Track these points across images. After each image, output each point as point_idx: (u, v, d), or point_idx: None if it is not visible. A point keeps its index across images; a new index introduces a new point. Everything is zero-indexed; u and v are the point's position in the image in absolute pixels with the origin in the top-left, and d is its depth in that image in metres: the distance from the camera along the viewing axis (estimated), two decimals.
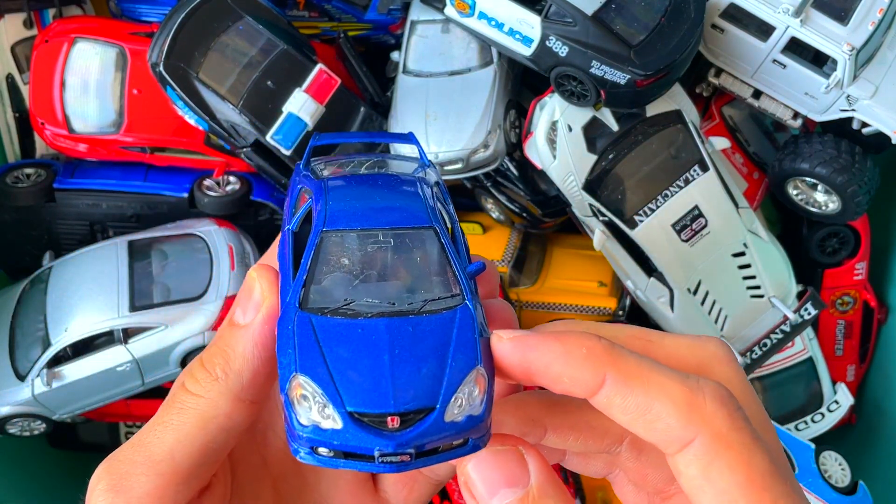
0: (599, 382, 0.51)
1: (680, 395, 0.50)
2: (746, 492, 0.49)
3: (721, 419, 0.50)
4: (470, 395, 0.52)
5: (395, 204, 0.61)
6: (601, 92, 1.44)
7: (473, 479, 0.52)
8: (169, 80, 1.51)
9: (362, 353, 0.53)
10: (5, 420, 1.56)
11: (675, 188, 1.53)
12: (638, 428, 0.51)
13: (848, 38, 1.42)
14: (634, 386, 0.51)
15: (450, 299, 0.56)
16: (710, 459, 0.49)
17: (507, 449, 0.52)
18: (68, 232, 1.72)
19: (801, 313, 1.63)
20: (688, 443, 0.50)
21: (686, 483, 0.51)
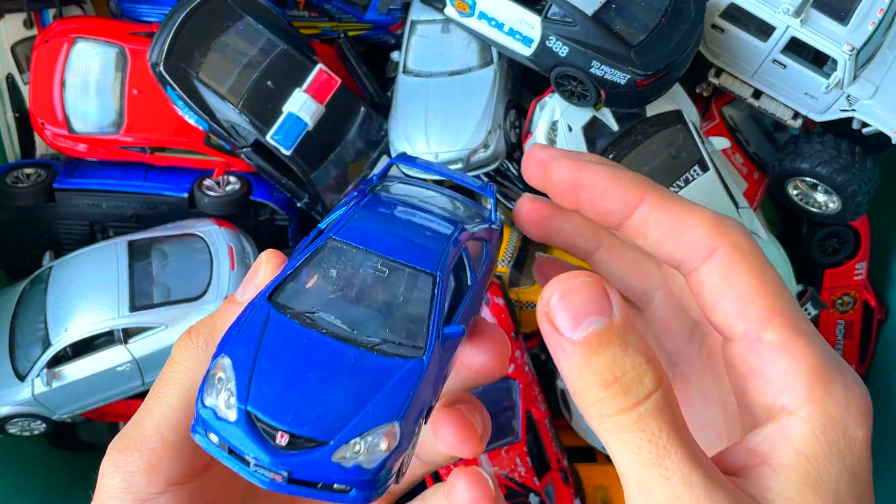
0: (639, 200, 0.59)
1: (707, 215, 0.58)
2: (762, 295, 0.55)
3: (740, 236, 0.57)
4: (371, 446, 0.49)
5: (415, 240, 0.58)
6: (601, 92, 1.44)
7: (557, 309, 0.52)
8: (169, 80, 1.51)
9: (294, 363, 0.52)
10: (5, 420, 1.56)
11: (675, 188, 1.53)
12: (668, 242, 0.58)
13: (848, 39, 1.42)
14: (670, 204, 0.59)
15: (409, 349, 0.54)
16: (730, 266, 0.56)
17: (594, 280, 0.53)
18: (68, 232, 1.72)
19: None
20: (712, 252, 0.57)
21: (708, 292, 0.57)
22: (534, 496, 1.58)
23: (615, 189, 0.60)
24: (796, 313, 0.56)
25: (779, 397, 0.55)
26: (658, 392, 0.51)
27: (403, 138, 1.60)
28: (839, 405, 0.55)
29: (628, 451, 0.50)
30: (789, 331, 0.55)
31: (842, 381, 0.56)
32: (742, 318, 0.56)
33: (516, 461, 1.58)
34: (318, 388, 0.51)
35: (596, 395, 0.51)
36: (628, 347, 0.51)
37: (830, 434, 0.54)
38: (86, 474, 0.65)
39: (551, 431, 1.66)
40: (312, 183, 1.60)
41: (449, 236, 0.59)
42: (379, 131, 1.68)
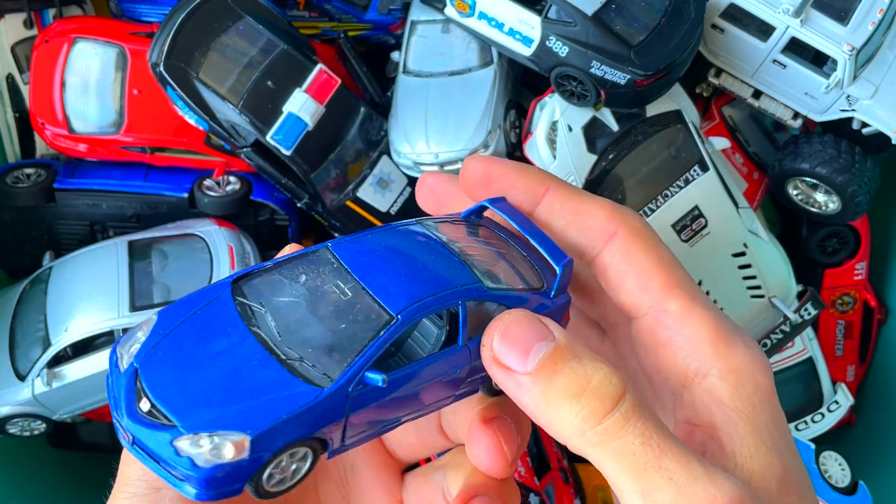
0: (545, 190, 0.63)
1: (605, 203, 0.63)
2: (660, 270, 0.60)
3: (635, 220, 0.62)
4: (216, 447, 0.48)
5: (404, 277, 0.56)
6: (601, 92, 1.44)
7: (502, 349, 0.54)
8: (169, 80, 1.51)
9: (204, 345, 0.52)
10: (5, 420, 1.56)
11: (675, 188, 1.53)
12: (572, 229, 0.63)
13: (848, 39, 1.42)
14: (572, 194, 0.64)
15: (317, 375, 0.52)
16: (629, 245, 0.61)
17: (526, 313, 0.55)
18: (68, 232, 1.72)
19: (801, 313, 1.63)
20: (612, 235, 0.61)
21: (612, 273, 0.61)
22: (534, 496, 1.58)
23: (522, 181, 0.64)
24: (692, 285, 0.61)
25: (689, 362, 0.57)
26: (629, 390, 0.51)
27: (403, 138, 1.60)
28: (743, 360, 0.57)
29: (623, 459, 0.49)
30: (689, 300, 0.59)
31: (741, 340, 0.58)
32: (645, 293, 0.60)
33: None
34: (206, 375, 0.50)
35: (570, 412, 0.50)
36: (582, 358, 0.52)
37: (746, 387, 0.56)
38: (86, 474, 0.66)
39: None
40: (312, 183, 1.60)
41: (454, 290, 0.56)
42: (379, 131, 1.68)
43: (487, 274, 0.60)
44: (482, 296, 0.58)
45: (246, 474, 0.49)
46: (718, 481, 0.48)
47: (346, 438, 0.54)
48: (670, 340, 0.58)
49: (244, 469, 0.48)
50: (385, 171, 1.69)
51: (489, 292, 0.58)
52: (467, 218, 0.66)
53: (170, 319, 0.54)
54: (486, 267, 0.61)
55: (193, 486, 0.49)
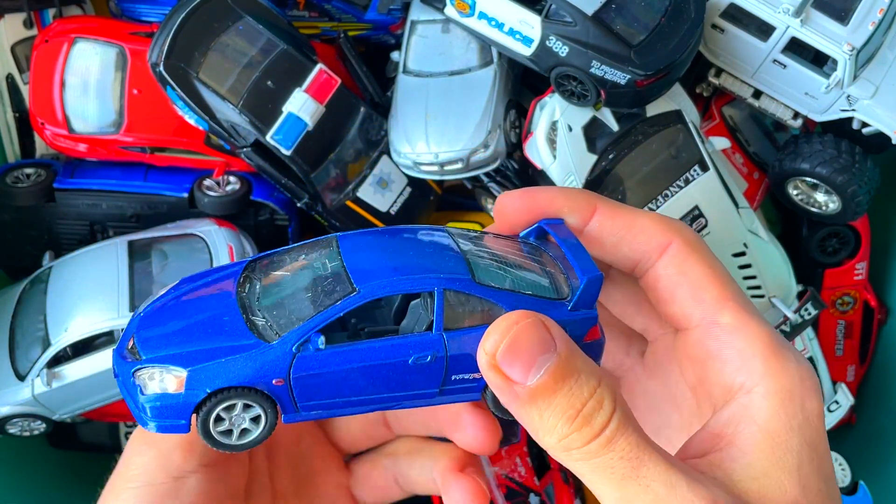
0: (592, 210, 0.64)
1: (656, 216, 0.63)
2: (714, 283, 0.60)
3: (689, 232, 0.63)
4: (162, 379, 0.55)
5: (382, 262, 0.59)
6: (601, 92, 1.44)
7: (506, 360, 0.53)
8: (169, 80, 1.51)
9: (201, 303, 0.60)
10: (5, 420, 1.56)
11: (676, 188, 1.53)
12: (623, 245, 0.63)
13: (848, 39, 1.42)
14: (620, 210, 0.64)
15: (270, 334, 0.58)
16: (683, 257, 0.61)
17: (533, 320, 0.54)
18: (68, 232, 1.72)
19: (802, 313, 1.63)
20: (666, 246, 0.61)
21: (664, 284, 0.62)
22: (534, 496, 1.58)
23: (568, 203, 0.64)
24: (745, 299, 0.61)
25: (736, 376, 0.57)
26: (617, 409, 0.51)
27: (403, 138, 1.60)
28: (793, 379, 0.57)
29: (602, 473, 0.51)
30: (742, 313, 0.59)
31: (793, 357, 0.58)
32: (698, 304, 0.60)
33: (516, 461, 1.58)
34: (183, 324, 0.57)
35: (560, 433, 0.52)
36: (580, 375, 0.52)
37: (789, 408, 0.55)
38: (86, 474, 0.67)
39: None
40: (312, 183, 1.60)
41: (434, 277, 0.58)
42: (379, 131, 1.68)
43: (495, 276, 0.60)
44: (466, 288, 0.59)
45: (187, 409, 0.55)
46: (697, 489, 0.49)
47: (298, 405, 0.57)
48: (720, 353, 0.58)
49: (184, 403, 0.55)
50: (385, 171, 1.68)
51: (478, 286, 0.59)
52: (525, 239, 0.67)
53: (186, 283, 0.63)
54: (498, 270, 0.61)
55: (144, 415, 0.56)
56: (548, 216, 0.64)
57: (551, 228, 0.64)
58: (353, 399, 0.59)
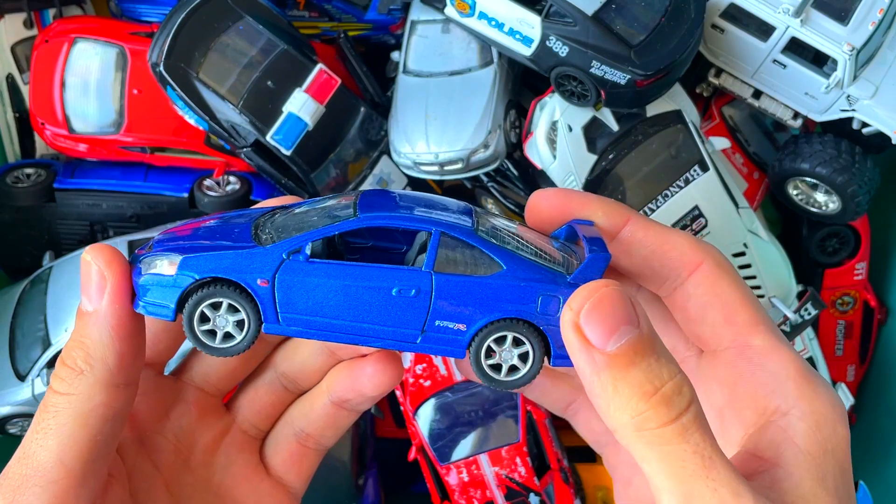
0: (626, 219, 0.63)
1: (686, 234, 0.63)
2: (745, 305, 0.60)
3: (719, 254, 0.63)
4: (158, 263, 0.59)
5: (393, 207, 0.62)
6: (601, 92, 1.44)
7: (588, 321, 0.51)
8: (169, 80, 1.51)
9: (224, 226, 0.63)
10: (5, 420, 1.56)
11: (675, 188, 1.53)
12: (654, 259, 0.62)
13: (848, 39, 1.42)
14: (653, 225, 0.63)
15: (269, 242, 0.62)
16: (715, 278, 0.60)
17: (623, 289, 0.53)
18: (68, 232, 1.72)
19: (802, 313, 1.63)
20: (698, 265, 0.61)
21: (694, 304, 0.61)
22: (534, 496, 1.58)
23: (602, 210, 0.63)
24: (774, 324, 0.61)
25: (771, 399, 0.56)
26: (695, 402, 0.50)
27: (403, 138, 1.60)
28: (826, 403, 0.56)
29: (672, 464, 0.49)
30: (773, 338, 0.59)
31: (822, 382, 0.58)
32: (730, 326, 0.59)
33: (516, 461, 1.58)
34: (199, 235, 0.62)
35: (636, 408, 0.49)
36: (661, 357, 0.51)
37: (824, 431, 0.55)
38: None
39: (551, 431, 1.66)
40: (312, 183, 1.60)
41: (434, 220, 0.60)
42: (379, 131, 1.68)
43: (500, 237, 0.61)
44: (466, 236, 0.59)
45: (174, 294, 0.59)
46: (762, 503, 0.49)
47: (280, 314, 0.59)
48: (753, 375, 0.58)
49: (172, 286, 0.58)
50: (385, 171, 1.68)
51: (477, 237, 0.60)
52: (555, 237, 0.67)
53: (217, 215, 0.66)
54: (505, 235, 0.62)
55: (138, 297, 0.59)
56: (579, 218, 0.64)
57: (579, 228, 0.63)
58: (334, 323, 0.60)
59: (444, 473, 1.59)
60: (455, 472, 1.58)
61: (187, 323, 0.59)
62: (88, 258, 0.59)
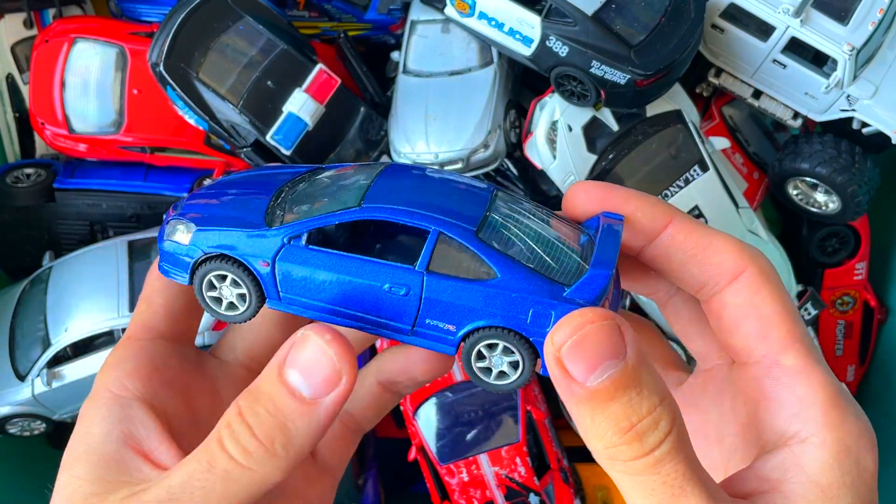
0: (668, 221, 0.60)
1: (733, 239, 0.59)
2: (784, 320, 0.57)
3: (765, 262, 0.59)
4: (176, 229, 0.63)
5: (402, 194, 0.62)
6: (601, 92, 1.44)
7: (569, 356, 0.50)
8: (169, 80, 1.51)
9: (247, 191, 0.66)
10: (5, 420, 1.56)
11: (676, 188, 1.53)
12: (694, 264, 0.59)
13: (848, 38, 1.42)
14: (697, 227, 0.60)
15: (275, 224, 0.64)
16: (756, 288, 0.57)
17: (609, 323, 0.51)
18: (68, 232, 1.72)
19: (802, 313, 1.63)
20: (739, 273, 0.58)
21: (730, 313, 0.58)
22: (534, 496, 1.58)
23: (645, 208, 0.60)
24: (811, 342, 0.57)
25: (792, 422, 0.55)
26: (673, 433, 0.50)
27: (403, 138, 1.60)
28: (852, 434, 0.54)
29: (641, 493, 0.50)
30: (807, 357, 0.56)
31: (853, 410, 0.55)
32: (763, 341, 0.57)
33: (516, 461, 1.58)
34: (228, 196, 0.66)
35: (610, 441, 0.50)
36: (643, 389, 0.50)
37: (844, 463, 0.53)
38: None
39: (551, 431, 1.66)
40: None
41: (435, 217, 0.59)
42: (379, 131, 1.68)
43: (504, 239, 0.59)
44: (464, 238, 0.58)
45: (187, 264, 0.63)
46: None
47: (280, 293, 0.62)
48: (778, 395, 0.56)
49: (185, 255, 0.63)
50: None
51: (477, 241, 0.58)
52: (586, 228, 0.64)
53: (268, 168, 0.68)
54: (513, 236, 0.60)
55: (161, 259, 0.64)
56: (617, 204, 0.61)
57: (604, 222, 0.61)
58: (331, 308, 0.61)
59: (444, 473, 1.59)
60: (455, 472, 1.58)
61: (197, 289, 0.63)
62: (331, 351, 0.54)
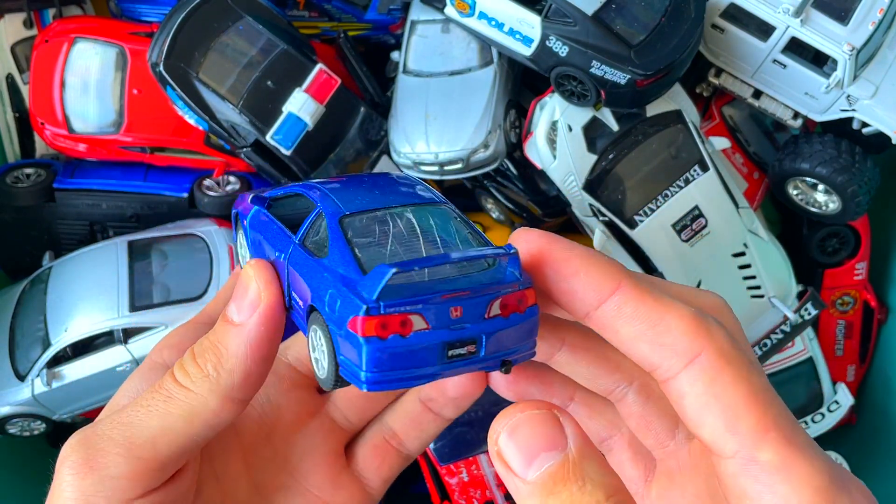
0: (615, 287, 0.52)
1: (688, 313, 0.51)
2: (753, 407, 0.49)
3: (724, 339, 0.51)
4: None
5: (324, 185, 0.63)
6: (601, 92, 1.44)
7: (507, 447, 0.49)
8: (169, 80, 1.51)
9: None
10: (5, 420, 1.56)
11: (676, 188, 1.53)
12: (644, 342, 0.51)
13: (848, 38, 1.42)
14: (647, 297, 0.52)
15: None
16: (715, 374, 0.50)
17: (542, 412, 0.49)
18: (68, 232, 1.72)
19: (802, 313, 1.63)
20: (694, 357, 0.50)
21: (690, 403, 0.51)
22: None
23: (589, 270, 0.53)
24: (792, 425, 0.50)
25: None
26: None
27: (403, 138, 1.60)
28: None
29: None
30: (787, 448, 0.49)
31: (849, 498, 0.49)
32: (732, 435, 0.50)
33: None
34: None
35: None
36: (586, 483, 0.47)
37: None
38: None
39: None
40: None
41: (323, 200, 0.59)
42: (379, 131, 1.68)
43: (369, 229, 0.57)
44: (328, 216, 0.57)
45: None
46: None
47: (288, 294, 0.59)
48: (760, 497, 0.49)
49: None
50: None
51: (334, 221, 0.57)
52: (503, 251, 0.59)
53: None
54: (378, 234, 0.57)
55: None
56: (561, 276, 0.54)
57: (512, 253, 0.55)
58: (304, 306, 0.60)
59: (444, 473, 1.59)
60: (455, 472, 1.58)
61: None
62: (251, 273, 0.59)
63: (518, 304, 0.53)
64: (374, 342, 0.49)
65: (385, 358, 0.49)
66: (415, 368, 0.50)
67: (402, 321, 0.50)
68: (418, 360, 0.50)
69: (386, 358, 0.49)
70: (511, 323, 0.52)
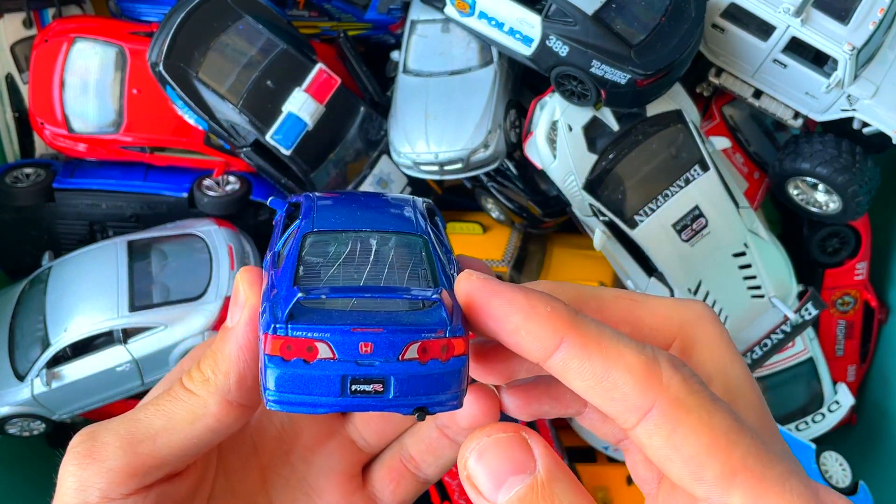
0: (556, 343, 0.50)
1: (636, 362, 0.49)
2: (714, 454, 0.47)
3: (677, 385, 0.49)
4: None
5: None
6: (601, 92, 1.44)
7: (476, 472, 0.49)
8: (168, 79, 1.50)
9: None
10: (5, 420, 1.56)
11: (676, 188, 1.53)
12: (595, 397, 0.50)
13: (849, 38, 1.42)
14: (592, 351, 0.49)
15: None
16: (671, 427, 0.48)
17: (509, 435, 0.48)
18: (68, 232, 1.72)
19: (802, 313, 1.63)
20: (647, 411, 0.48)
21: (653, 455, 0.49)
22: None
23: (529, 327, 0.50)
24: (763, 460, 0.48)
25: None
26: None
27: (403, 138, 1.59)
28: None
29: None
30: (759, 485, 0.47)
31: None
32: (699, 483, 0.48)
33: None
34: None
35: None
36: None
37: None
38: None
39: (551, 432, 1.66)
40: (312, 183, 1.60)
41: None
42: (379, 131, 1.68)
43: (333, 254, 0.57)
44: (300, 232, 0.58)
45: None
46: None
47: None
48: None
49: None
50: (385, 171, 1.68)
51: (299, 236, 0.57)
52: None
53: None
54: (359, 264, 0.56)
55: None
56: (498, 329, 0.51)
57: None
58: None
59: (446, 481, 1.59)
60: (455, 472, 1.58)
61: None
62: (239, 278, 0.59)
63: (441, 351, 0.51)
64: (277, 362, 0.50)
65: (286, 379, 0.50)
66: (316, 396, 0.50)
67: (308, 346, 0.49)
68: (318, 388, 0.50)
69: (286, 379, 0.50)
70: (429, 370, 0.51)
